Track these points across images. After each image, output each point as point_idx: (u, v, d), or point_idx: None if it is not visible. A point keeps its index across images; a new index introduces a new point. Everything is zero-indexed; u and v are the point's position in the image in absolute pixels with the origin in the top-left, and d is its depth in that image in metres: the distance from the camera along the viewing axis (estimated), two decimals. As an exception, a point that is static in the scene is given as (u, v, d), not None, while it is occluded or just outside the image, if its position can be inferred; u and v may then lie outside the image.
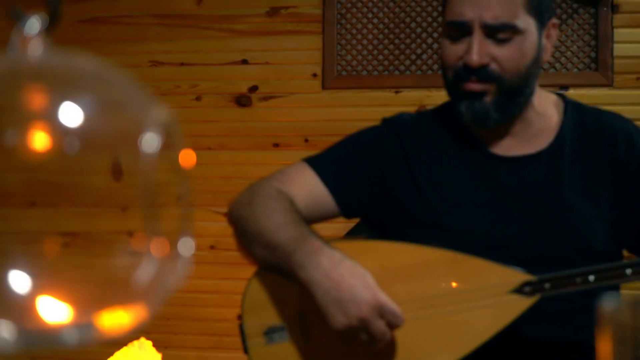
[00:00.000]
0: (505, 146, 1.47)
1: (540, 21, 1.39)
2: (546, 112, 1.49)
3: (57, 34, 0.56)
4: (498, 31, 1.35)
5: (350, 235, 1.71)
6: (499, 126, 1.44)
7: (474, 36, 1.36)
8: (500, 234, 1.41)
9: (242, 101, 3.07)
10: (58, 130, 0.50)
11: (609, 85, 2.84)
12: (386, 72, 2.99)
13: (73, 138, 0.50)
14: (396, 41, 2.98)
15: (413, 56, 2.97)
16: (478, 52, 1.36)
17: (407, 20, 2.98)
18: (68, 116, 0.50)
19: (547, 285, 1.30)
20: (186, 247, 0.54)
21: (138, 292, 0.52)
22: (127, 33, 3.13)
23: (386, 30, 2.99)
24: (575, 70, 2.87)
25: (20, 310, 0.51)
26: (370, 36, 3.00)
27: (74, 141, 0.50)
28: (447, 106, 1.52)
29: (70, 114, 0.50)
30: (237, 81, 3.07)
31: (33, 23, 0.52)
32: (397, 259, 1.37)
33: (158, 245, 0.52)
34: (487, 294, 1.32)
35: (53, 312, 0.51)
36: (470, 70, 1.38)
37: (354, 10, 3.01)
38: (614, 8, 2.84)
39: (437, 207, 1.45)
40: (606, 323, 0.53)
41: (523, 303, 1.31)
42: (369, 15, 3.00)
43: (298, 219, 1.41)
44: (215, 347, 3.05)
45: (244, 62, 3.07)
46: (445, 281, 1.35)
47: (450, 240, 1.39)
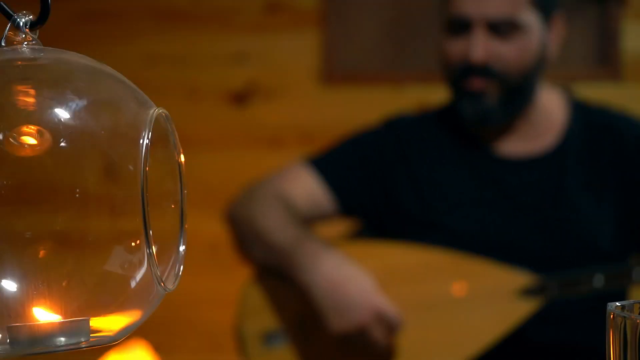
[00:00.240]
0: (507, 146, 1.46)
1: (544, 15, 1.37)
2: (550, 112, 1.48)
3: (50, 31, 0.55)
4: (500, 27, 1.34)
5: (350, 236, 1.70)
6: (502, 125, 1.43)
7: (476, 32, 1.35)
8: (502, 235, 1.41)
9: (239, 99, 3.06)
10: (51, 129, 0.49)
11: (616, 79, 2.83)
12: (386, 69, 2.99)
13: (66, 137, 0.49)
14: (396, 37, 2.98)
15: (414, 53, 2.97)
16: (479, 49, 1.34)
17: (408, 16, 2.98)
18: (60, 115, 0.49)
19: (553, 287, 1.29)
20: (182, 249, 0.54)
21: (133, 295, 0.52)
22: (121, 30, 3.12)
23: (386, 26, 2.99)
24: (581, 64, 2.86)
25: (11, 313, 0.50)
26: (370, 32, 2.99)
27: (67, 141, 0.49)
28: (449, 108, 1.51)
29: (62, 113, 0.49)
30: (234, 78, 3.06)
31: (24, 20, 0.52)
32: (399, 260, 1.36)
33: (154, 246, 0.51)
34: (491, 297, 1.31)
35: (45, 316, 0.50)
36: (471, 67, 1.36)
37: (354, 5, 3.00)
38: (622, 1, 2.83)
39: (438, 208, 1.45)
40: (614, 327, 0.52)
41: (528, 306, 1.30)
42: (369, 11, 3.00)
43: (297, 221, 1.41)
44: (212, 351, 3.04)
45: (241, 60, 3.06)
46: (448, 283, 1.34)
47: (451, 241, 1.38)
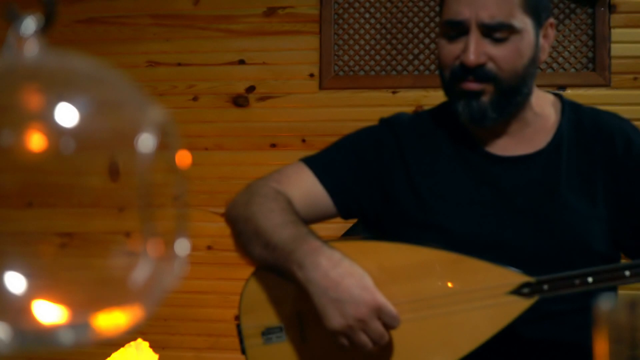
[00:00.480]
0: (502, 146, 1.47)
1: (537, 21, 1.39)
2: (543, 112, 1.49)
3: (54, 35, 0.56)
4: (495, 30, 1.35)
5: (347, 235, 1.70)
6: (496, 126, 1.44)
7: (471, 35, 1.36)
8: (497, 235, 1.41)
9: (239, 101, 3.07)
10: (54, 130, 0.50)
11: (607, 85, 2.84)
12: (383, 72, 2.99)
13: (69, 138, 0.50)
14: (393, 41, 2.98)
15: (410, 56, 2.97)
16: (475, 52, 1.36)
17: (405, 20, 2.98)
18: (64, 117, 0.50)
19: (546, 286, 1.30)
20: (183, 248, 0.54)
21: (134, 293, 0.52)
22: (124, 33, 3.12)
23: (383, 30, 2.99)
24: (572, 70, 2.87)
25: (16, 311, 0.51)
26: (367, 36, 3.00)
27: (71, 142, 0.50)
28: (445, 106, 1.52)
29: (66, 115, 0.50)
30: (234, 81, 3.07)
31: (29, 23, 0.52)
32: (395, 260, 1.37)
33: (155, 245, 0.52)
34: (485, 295, 1.32)
35: (49, 313, 0.51)
36: (467, 69, 1.37)
37: (351, 10, 3.01)
38: (612, 8, 2.84)
39: (434, 208, 1.45)
40: (603, 323, 0.53)
41: (521, 304, 1.31)
42: (366, 15, 3.00)
43: (296, 219, 1.41)
44: (212, 348, 3.04)
45: (241, 63, 3.06)
46: (442, 282, 1.34)
47: (447, 240, 1.39)
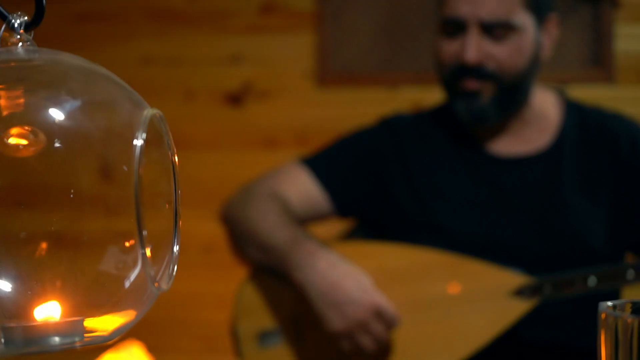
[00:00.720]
0: (503, 146, 1.46)
1: (538, 17, 1.38)
2: (544, 111, 1.48)
3: (45, 32, 0.55)
4: (494, 28, 1.34)
5: (346, 237, 1.70)
6: (497, 125, 1.43)
7: (470, 33, 1.35)
8: (497, 235, 1.41)
9: (235, 100, 3.06)
10: (45, 130, 0.49)
11: (610, 80, 2.84)
12: (382, 70, 2.99)
13: (60, 138, 0.49)
14: (392, 38, 2.98)
15: (409, 54, 2.97)
16: (473, 50, 1.35)
17: (403, 17, 2.98)
18: (55, 116, 0.49)
19: (547, 287, 1.29)
20: (177, 249, 0.54)
21: (127, 295, 0.52)
22: (117, 30, 3.11)
23: (382, 27, 2.99)
24: (575, 65, 2.87)
25: (6, 313, 0.50)
26: (365, 33, 2.99)
27: (62, 141, 0.49)
28: (445, 107, 1.51)
29: (57, 114, 0.49)
30: (229, 79, 3.06)
31: (18, 21, 0.52)
32: (395, 261, 1.36)
33: (148, 247, 0.51)
34: (486, 297, 1.31)
35: (40, 316, 0.50)
36: (466, 68, 1.36)
37: (349, 6, 3.00)
38: (615, 3, 2.84)
39: (435, 208, 1.44)
40: (606, 325, 0.52)
41: (522, 306, 1.30)
42: (364, 12, 3.00)
43: (293, 220, 1.40)
44: (207, 351, 3.03)
45: (237, 60, 3.06)
46: (443, 283, 1.34)
47: (447, 241, 1.38)
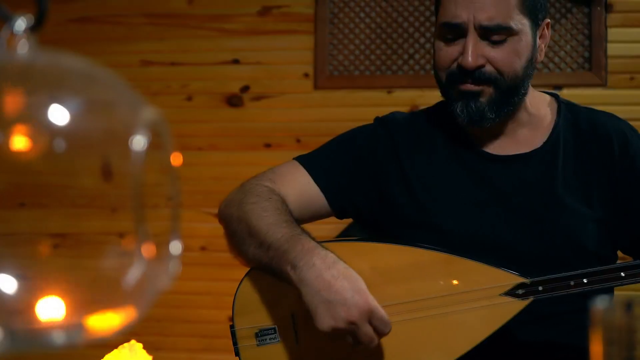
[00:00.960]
0: (498, 145, 1.47)
1: (534, 21, 1.39)
2: (539, 112, 1.49)
3: (47, 34, 0.56)
4: (492, 32, 1.35)
5: (342, 236, 1.70)
6: (493, 126, 1.44)
7: (469, 38, 1.36)
8: (492, 234, 1.41)
9: (234, 101, 3.07)
10: (46, 130, 0.49)
11: (603, 85, 2.85)
12: (378, 72, 2.99)
13: (61, 139, 0.50)
14: (388, 41, 2.98)
15: (405, 56, 2.98)
16: (473, 55, 1.35)
17: (400, 19, 2.98)
18: (56, 116, 0.50)
19: (540, 287, 1.30)
20: (176, 248, 0.54)
21: (128, 294, 0.52)
22: (118, 32, 3.12)
23: (378, 30, 2.99)
24: (568, 70, 2.88)
25: (9, 311, 0.51)
26: (362, 36, 3.00)
27: (63, 142, 0.50)
28: (441, 106, 1.51)
29: (58, 114, 0.50)
30: (229, 81, 3.06)
31: (20, 22, 0.52)
32: (389, 261, 1.36)
33: (148, 246, 0.51)
34: (480, 296, 1.32)
35: (42, 314, 0.51)
36: (465, 72, 1.37)
37: (347, 9, 3.00)
38: (608, 7, 2.85)
39: (430, 207, 1.45)
40: (599, 324, 0.53)
41: (516, 305, 1.30)
42: (362, 14, 3.00)
43: (290, 219, 1.40)
44: (206, 349, 3.04)
45: (235, 62, 3.06)
46: (437, 283, 1.34)
47: (442, 240, 1.39)
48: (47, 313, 0.51)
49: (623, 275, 1.28)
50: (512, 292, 1.31)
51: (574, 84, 2.86)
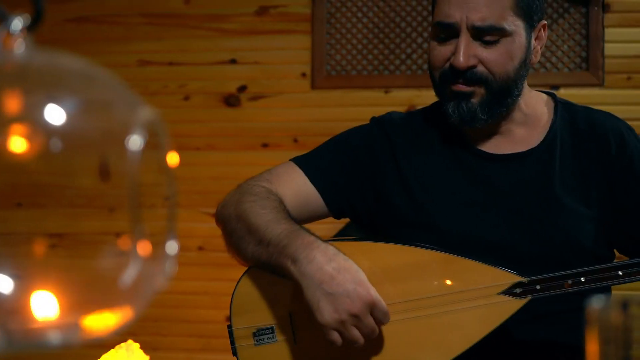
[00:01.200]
0: (495, 145, 1.47)
1: (529, 23, 1.39)
2: (535, 112, 1.49)
3: (44, 33, 0.56)
4: (485, 33, 1.35)
5: (339, 236, 1.70)
6: (488, 126, 1.44)
7: (461, 38, 1.36)
8: (489, 234, 1.41)
9: (231, 101, 3.06)
10: (43, 130, 0.49)
11: (600, 85, 2.85)
12: (376, 72, 3.00)
13: (58, 138, 0.50)
14: (386, 41, 2.99)
15: (403, 56, 2.98)
16: (465, 55, 1.35)
17: (397, 19, 2.98)
18: (53, 116, 0.50)
19: (538, 286, 1.30)
20: (173, 248, 0.54)
21: (125, 294, 0.52)
22: (115, 32, 3.12)
23: (376, 29, 2.99)
24: (566, 69, 2.88)
25: (5, 311, 0.51)
26: (359, 36, 3.00)
27: (60, 142, 0.50)
28: (437, 105, 1.52)
29: (55, 114, 0.50)
30: (226, 81, 3.06)
31: (17, 22, 0.52)
32: (387, 260, 1.37)
33: (145, 246, 0.52)
34: (478, 295, 1.32)
35: (39, 313, 0.51)
36: (457, 72, 1.37)
37: (344, 9, 3.01)
38: (605, 7, 2.85)
39: (426, 207, 1.45)
40: (595, 323, 0.53)
41: (513, 304, 1.31)
42: (359, 14, 3.00)
43: (289, 217, 1.41)
44: (204, 349, 3.04)
45: (233, 62, 3.06)
46: (435, 282, 1.34)
47: (439, 239, 1.39)
48: (44, 313, 0.51)
49: (620, 274, 1.28)
50: (510, 291, 1.31)
51: (571, 84, 2.86)
